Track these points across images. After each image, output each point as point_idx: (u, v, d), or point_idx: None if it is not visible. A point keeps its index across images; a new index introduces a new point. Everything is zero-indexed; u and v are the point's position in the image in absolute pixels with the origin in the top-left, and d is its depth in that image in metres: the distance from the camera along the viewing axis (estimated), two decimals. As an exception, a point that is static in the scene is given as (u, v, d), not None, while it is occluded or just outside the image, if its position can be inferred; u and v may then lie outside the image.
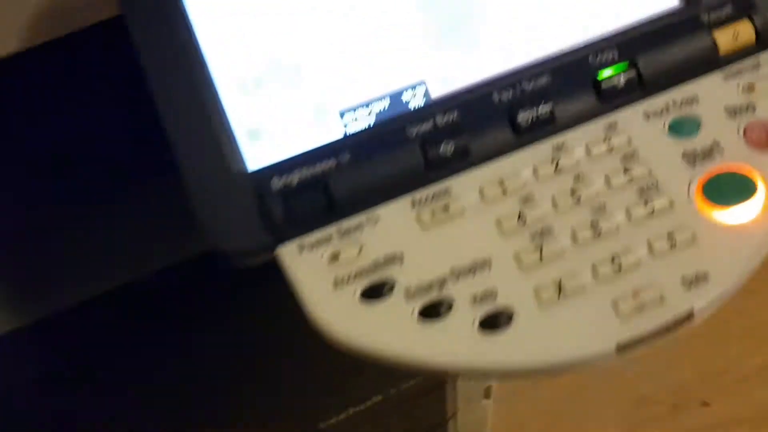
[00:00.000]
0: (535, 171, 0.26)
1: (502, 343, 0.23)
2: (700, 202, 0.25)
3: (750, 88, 0.27)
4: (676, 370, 0.30)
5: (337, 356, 0.24)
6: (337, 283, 0.24)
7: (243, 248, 0.25)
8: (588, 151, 0.26)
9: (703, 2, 0.28)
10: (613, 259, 0.24)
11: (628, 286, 0.24)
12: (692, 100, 0.27)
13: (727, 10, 0.28)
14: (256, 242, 0.25)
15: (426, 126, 0.26)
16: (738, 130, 0.27)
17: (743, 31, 0.28)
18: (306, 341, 0.24)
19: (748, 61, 0.28)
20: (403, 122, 0.26)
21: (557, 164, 0.26)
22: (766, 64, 0.28)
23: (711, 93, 0.27)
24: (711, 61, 0.27)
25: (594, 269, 0.24)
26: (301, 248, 0.25)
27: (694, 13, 0.28)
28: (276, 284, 0.25)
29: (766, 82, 0.27)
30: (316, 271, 0.24)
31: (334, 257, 0.25)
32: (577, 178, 0.26)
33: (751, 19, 0.28)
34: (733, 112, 0.27)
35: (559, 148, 0.26)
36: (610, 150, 0.26)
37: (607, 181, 0.26)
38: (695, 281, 0.24)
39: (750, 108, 0.27)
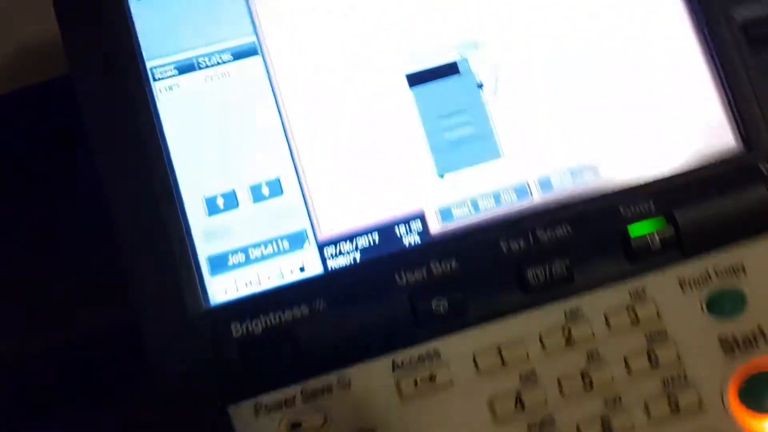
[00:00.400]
0: (542, 340, 0.22)
1: None
2: (735, 405, 0.21)
3: (810, 261, 0.23)
4: None
5: None
6: (295, 460, 0.21)
7: (192, 401, 0.21)
8: (607, 322, 0.22)
9: (764, 147, 0.24)
10: (620, 467, 0.21)
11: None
12: (738, 270, 0.23)
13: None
14: (206, 396, 0.21)
15: (419, 274, 0.22)
16: (790, 315, 0.23)
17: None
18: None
19: (811, 225, 0.24)
20: (392, 264, 0.22)
21: (569, 334, 0.22)
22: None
23: (762, 262, 0.23)
24: (765, 222, 0.23)
25: (597, 479, 0.21)
26: (258, 410, 0.21)
27: (754, 159, 0.24)
28: None
29: (832, 256, 0.23)
30: (271, 441, 0.21)
31: (295, 426, 0.21)
32: (591, 356, 0.22)
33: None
34: (787, 290, 0.23)
35: (573, 315, 0.22)
36: (635, 323, 0.22)
37: (627, 364, 0.22)
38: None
39: (807, 286, 0.23)
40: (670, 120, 0.24)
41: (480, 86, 0.24)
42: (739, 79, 0.24)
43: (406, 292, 0.22)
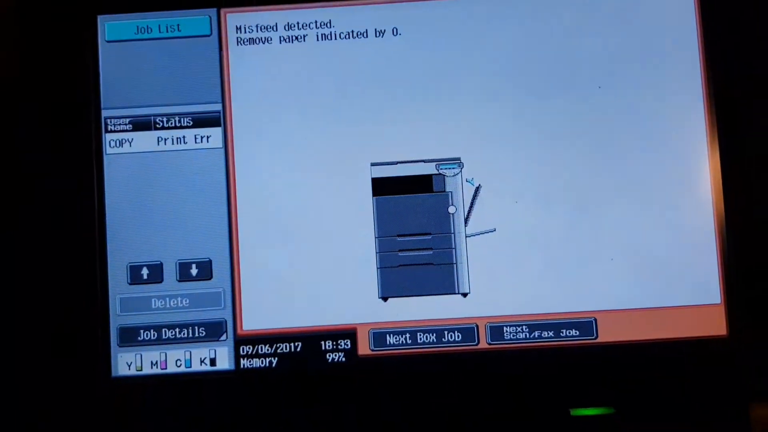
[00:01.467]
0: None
1: None
2: None
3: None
4: None
5: None
6: None
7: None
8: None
9: (760, 348, 0.21)
10: None
11: None
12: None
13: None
14: None
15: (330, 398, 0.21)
16: None
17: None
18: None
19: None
20: (304, 381, 0.21)
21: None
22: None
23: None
24: (733, 439, 0.20)
25: None
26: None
27: (740, 359, 0.20)
28: None
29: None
30: None
31: None
32: None
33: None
34: None
35: None
36: None
37: None
38: None
39: None
40: (655, 290, 0.21)
41: (452, 211, 0.22)
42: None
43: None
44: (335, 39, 0.22)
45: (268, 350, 0.21)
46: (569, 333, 0.21)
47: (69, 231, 0.21)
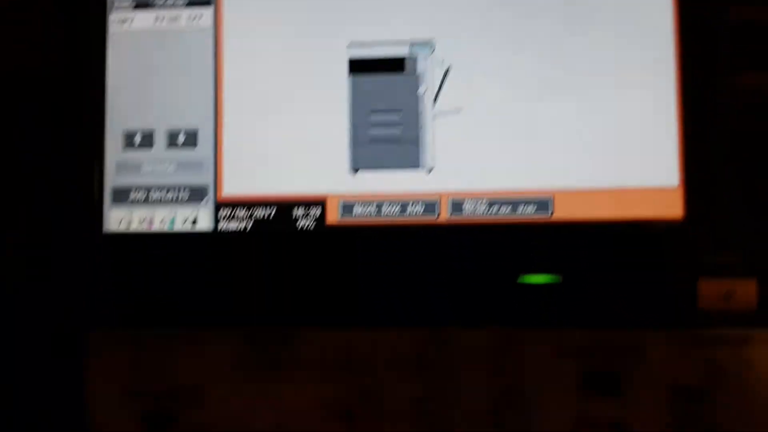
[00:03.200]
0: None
1: None
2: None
3: (718, 368, 0.21)
4: None
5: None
6: (130, 393, 0.22)
7: (61, 322, 0.23)
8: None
9: (711, 228, 0.21)
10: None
11: None
12: (633, 352, 0.21)
13: (732, 256, 0.21)
14: (71, 315, 0.23)
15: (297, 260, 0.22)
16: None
17: (742, 292, 0.21)
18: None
19: (735, 333, 0.21)
20: (273, 244, 0.22)
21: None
22: (760, 345, 0.21)
23: (662, 355, 0.21)
24: (682, 311, 0.20)
25: None
26: (109, 340, 0.23)
27: (692, 238, 0.21)
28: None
29: (742, 369, 0.20)
30: (115, 372, 0.22)
31: (136, 364, 0.22)
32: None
33: (764, 281, 0.21)
34: (680, 393, 0.20)
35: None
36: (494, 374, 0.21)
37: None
38: None
39: (703, 396, 0.20)
40: (614, 170, 0.22)
41: (422, 91, 0.23)
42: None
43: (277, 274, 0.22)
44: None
45: (244, 214, 0.23)
46: (526, 209, 0.22)
47: (74, 99, 0.23)
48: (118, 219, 0.23)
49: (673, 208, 0.22)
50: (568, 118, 0.21)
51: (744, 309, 0.21)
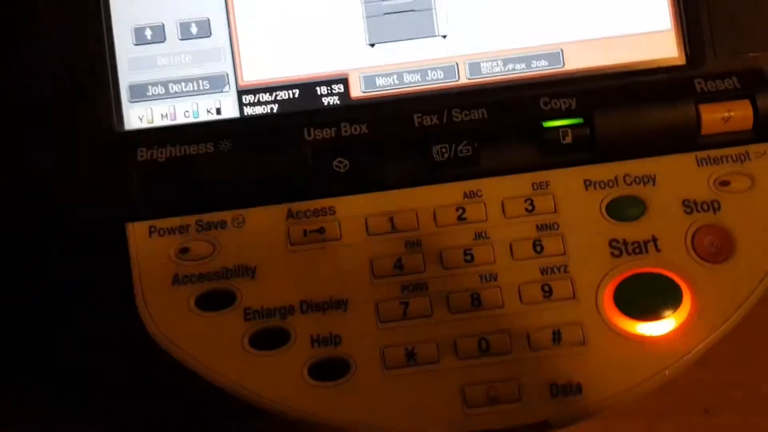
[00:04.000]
0: (435, 214, 0.23)
1: (328, 395, 0.21)
2: (607, 302, 0.22)
3: (723, 184, 0.23)
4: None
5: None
6: (177, 280, 0.22)
7: (92, 215, 0.23)
8: (503, 207, 0.23)
9: (707, 65, 0.23)
10: (481, 339, 0.21)
11: (486, 373, 0.21)
12: (647, 179, 0.23)
13: (730, 82, 0.23)
14: (105, 211, 0.22)
15: (327, 132, 0.23)
16: (687, 230, 0.22)
17: (739, 114, 0.23)
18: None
19: (735, 150, 0.23)
20: (303, 121, 0.23)
21: (463, 213, 0.23)
22: (757, 159, 0.23)
23: (673, 177, 0.23)
24: (687, 139, 0.23)
25: (456, 344, 0.21)
26: (153, 230, 0.22)
27: (690, 75, 0.23)
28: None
29: (745, 181, 0.23)
30: (160, 260, 0.22)
31: (184, 251, 0.22)
32: (479, 235, 0.22)
33: (754, 102, 0.23)
34: (692, 207, 0.22)
35: (472, 195, 0.23)
36: (529, 212, 0.23)
37: (511, 249, 0.22)
38: (564, 391, 0.21)
39: (713, 207, 0.23)
40: (614, 19, 0.24)
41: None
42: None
43: (310, 146, 0.22)
44: None
45: (268, 98, 0.23)
46: (539, 63, 0.24)
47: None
48: (138, 116, 0.23)
49: (670, 49, 0.24)
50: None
51: (742, 128, 0.23)
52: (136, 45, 0.23)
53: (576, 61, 0.24)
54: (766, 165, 0.23)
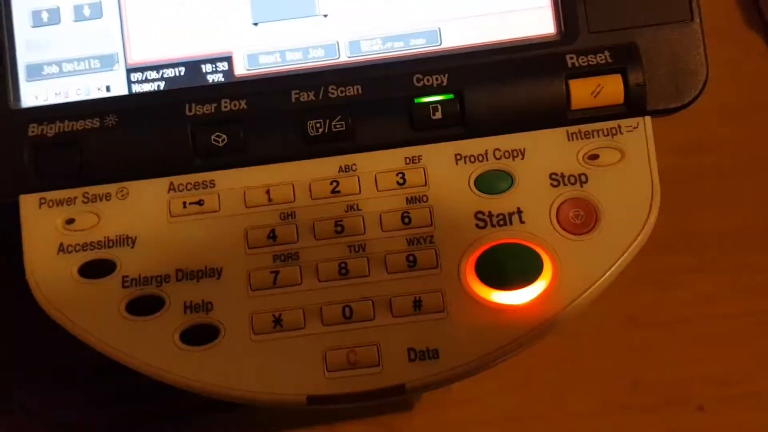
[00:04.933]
0: (311, 187, 0.23)
1: (197, 360, 0.22)
2: (469, 271, 0.22)
3: (592, 158, 0.23)
4: (683, 365, 0.31)
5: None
6: (62, 249, 0.23)
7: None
8: (375, 181, 0.23)
9: (580, 40, 0.24)
10: (345, 306, 0.22)
11: (348, 339, 0.22)
12: (517, 154, 0.23)
13: (602, 57, 0.23)
14: (1, 185, 0.24)
15: (207, 108, 0.24)
16: (552, 203, 0.23)
17: (610, 88, 0.23)
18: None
19: (606, 125, 0.23)
20: (186, 97, 0.24)
21: (337, 186, 0.23)
22: (627, 134, 0.23)
23: (543, 151, 0.23)
24: (558, 114, 0.23)
25: (321, 311, 0.22)
26: (42, 202, 0.24)
27: (563, 50, 0.24)
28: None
29: (614, 155, 0.23)
30: (47, 231, 0.23)
31: (70, 221, 0.24)
32: (351, 207, 0.23)
33: (625, 76, 0.23)
34: (559, 180, 0.23)
35: (346, 169, 0.24)
36: (400, 185, 0.23)
37: (380, 220, 0.23)
38: (422, 356, 0.22)
39: (580, 180, 0.23)
40: (490, -3, 0.24)
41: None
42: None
43: (190, 122, 0.23)
44: None
45: (155, 76, 0.24)
46: (416, 42, 0.24)
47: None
48: (34, 94, 0.24)
49: (545, 25, 0.24)
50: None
51: (613, 102, 0.23)
52: (33, 27, 0.24)
53: (453, 39, 0.24)
54: (636, 139, 0.23)
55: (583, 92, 0.23)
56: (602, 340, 0.30)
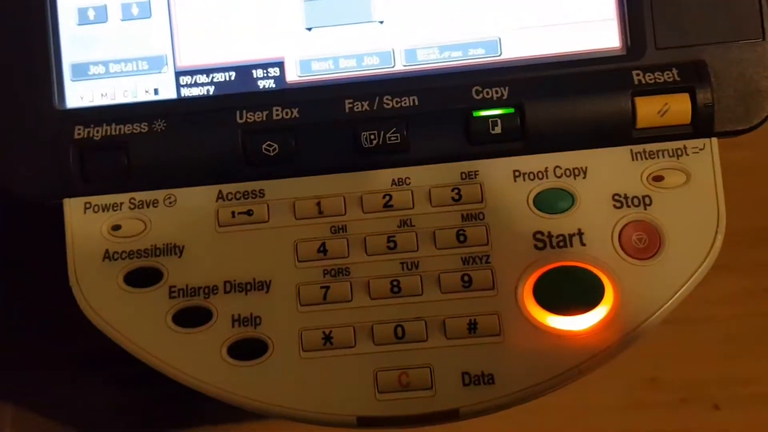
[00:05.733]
0: (362, 200, 0.23)
1: (245, 375, 0.22)
2: (527, 294, 0.22)
3: (656, 179, 0.22)
4: (700, 363, 0.31)
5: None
6: (108, 256, 0.23)
7: (29, 190, 0.23)
8: (429, 196, 0.23)
9: (647, 56, 0.23)
10: (397, 326, 0.22)
11: (400, 360, 0.21)
12: (578, 172, 0.22)
13: (670, 75, 0.22)
14: (43, 187, 0.23)
15: (258, 116, 0.23)
16: (615, 226, 0.22)
17: (677, 107, 0.22)
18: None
19: (671, 145, 0.23)
20: (238, 103, 0.23)
21: (389, 200, 0.23)
22: (693, 155, 0.22)
23: (605, 170, 0.22)
24: (622, 132, 0.22)
25: (372, 330, 0.22)
26: (87, 207, 0.23)
27: (629, 66, 0.23)
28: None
29: (679, 177, 0.22)
30: (92, 237, 0.23)
31: (116, 228, 0.23)
32: (404, 222, 0.22)
33: (693, 95, 0.22)
34: (622, 202, 0.22)
35: (400, 183, 0.23)
36: (456, 201, 0.23)
37: (434, 237, 0.22)
38: (476, 381, 0.21)
39: (644, 203, 0.22)
40: (556, 7, 0.23)
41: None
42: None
43: (241, 129, 0.23)
44: None
45: (205, 80, 0.24)
46: (476, 52, 0.24)
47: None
48: (79, 95, 0.24)
49: (611, 39, 0.23)
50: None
51: (679, 122, 0.23)
52: (79, 25, 0.24)
53: (513, 50, 0.23)
54: (702, 161, 0.22)
55: (649, 111, 0.22)
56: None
